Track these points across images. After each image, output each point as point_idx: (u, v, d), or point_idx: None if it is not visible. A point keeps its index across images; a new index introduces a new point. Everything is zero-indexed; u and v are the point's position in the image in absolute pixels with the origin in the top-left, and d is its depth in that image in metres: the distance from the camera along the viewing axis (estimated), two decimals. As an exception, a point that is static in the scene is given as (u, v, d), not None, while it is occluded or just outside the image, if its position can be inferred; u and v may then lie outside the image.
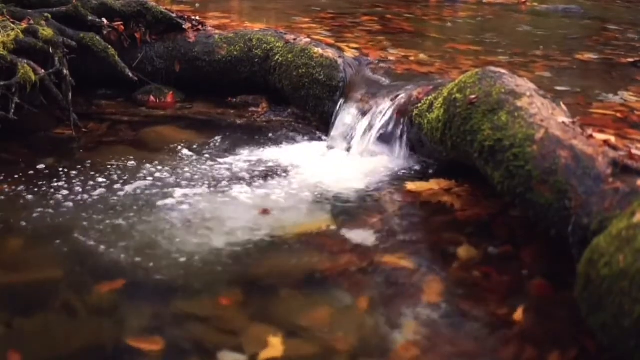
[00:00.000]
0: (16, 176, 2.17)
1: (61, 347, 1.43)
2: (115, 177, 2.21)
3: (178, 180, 2.20)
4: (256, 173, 2.28)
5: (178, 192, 2.10)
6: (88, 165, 2.29)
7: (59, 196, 2.05)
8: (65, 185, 2.13)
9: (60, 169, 2.25)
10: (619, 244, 1.25)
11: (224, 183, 2.19)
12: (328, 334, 1.46)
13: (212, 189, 2.15)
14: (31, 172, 2.22)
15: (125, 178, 2.20)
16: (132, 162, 2.33)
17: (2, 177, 2.16)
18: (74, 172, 2.23)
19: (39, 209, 1.97)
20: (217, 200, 2.07)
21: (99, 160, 2.34)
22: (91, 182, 2.16)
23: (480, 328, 1.49)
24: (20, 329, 1.48)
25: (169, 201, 2.04)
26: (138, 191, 2.11)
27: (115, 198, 2.06)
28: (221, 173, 2.27)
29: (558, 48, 3.60)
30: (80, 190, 2.10)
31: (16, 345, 1.40)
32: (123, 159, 2.36)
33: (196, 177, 2.23)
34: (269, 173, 2.28)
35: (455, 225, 1.94)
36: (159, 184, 2.17)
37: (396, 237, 1.91)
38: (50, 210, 1.97)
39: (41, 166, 2.27)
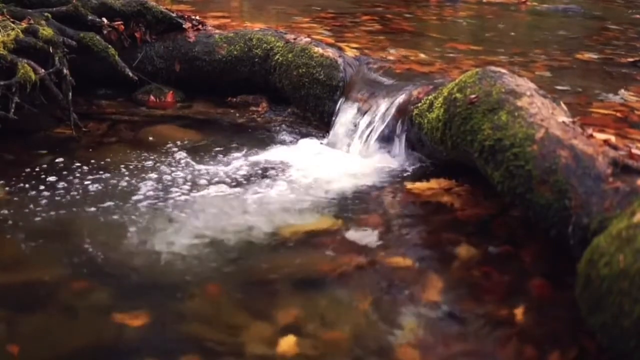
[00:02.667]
0: (16, 176, 2.17)
1: (61, 346, 1.43)
2: (115, 176, 2.21)
3: (178, 180, 2.20)
4: (256, 172, 2.28)
5: (178, 192, 2.10)
6: (88, 164, 2.29)
7: (59, 196, 2.05)
8: (65, 185, 2.13)
9: (60, 169, 2.25)
10: (619, 244, 1.25)
11: (224, 182, 2.19)
12: (328, 334, 1.47)
13: (212, 188, 2.15)
14: (31, 171, 2.22)
15: (126, 178, 2.20)
16: (132, 162, 2.33)
17: (2, 177, 2.16)
18: (74, 172, 2.23)
19: (39, 209, 1.97)
20: (217, 199, 2.07)
21: (99, 159, 2.34)
22: (91, 182, 2.16)
23: (480, 328, 1.49)
24: (20, 329, 1.47)
25: (169, 200, 2.05)
26: (138, 190, 2.11)
27: (115, 197, 2.05)
28: (221, 172, 2.27)
29: (558, 48, 3.60)
30: (81, 189, 2.10)
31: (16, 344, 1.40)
32: (123, 158, 2.36)
33: (196, 176, 2.23)
34: (269, 172, 2.28)
35: (455, 225, 1.94)
36: (159, 183, 2.17)
37: (396, 237, 1.91)
38: (50, 210, 1.97)
39: (41, 166, 2.27)
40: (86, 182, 2.15)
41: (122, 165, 2.30)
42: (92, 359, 1.41)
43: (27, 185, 2.11)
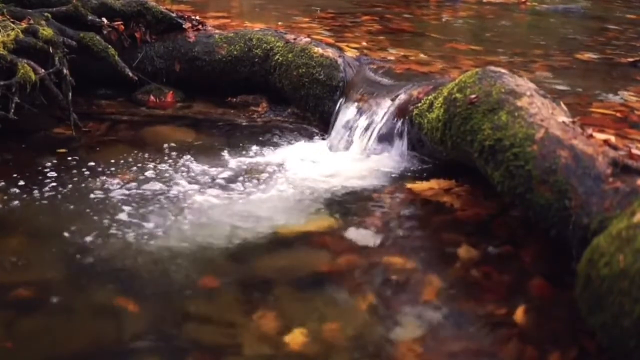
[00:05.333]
0: (16, 176, 2.17)
1: (61, 347, 1.43)
2: (115, 176, 2.21)
3: (178, 180, 2.19)
4: (256, 172, 2.28)
5: (178, 192, 2.10)
6: (88, 165, 2.29)
7: (59, 196, 2.05)
8: (65, 185, 2.13)
9: (60, 169, 2.25)
10: (619, 243, 1.25)
11: (224, 182, 2.19)
12: (328, 334, 1.46)
13: (212, 188, 2.15)
14: (31, 171, 2.22)
15: (126, 178, 2.20)
16: (132, 162, 2.33)
17: (1, 177, 2.16)
18: (73, 172, 2.23)
19: (39, 209, 1.97)
20: (217, 199, 2.07)
21: (98, 159, 2.34)
22: (91, 182, 2.16)
23: (480, 328, 1.49)
24: (20, 329, 1.47)
25: (168, 201, 2.05)
26: (138, 191, 2.11)
27: (115, 197, 2.05)
28: (221, 172, 2.27)
29: (558, 48, 3.60)
30: (80, 189, 2.10)
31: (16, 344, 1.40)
32: (123, 158, 2.35)
33: (196, 176, 2.23)
34: (269, 172, 2.28)
35: (455, 225, 1.94)
36: (159, 183, 2.16)
37: (396, 237, 1.91)
38: (50, 210, 1.97)
39: (41, 166, 2.27)
40: (86, 182, 2.15)
41: (122, 166, 2.29)
42: (92, 359, 1.41)
43: (27, 186, 2.11)
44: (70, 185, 2.13)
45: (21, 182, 2.13)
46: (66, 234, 1.84)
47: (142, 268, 1.70)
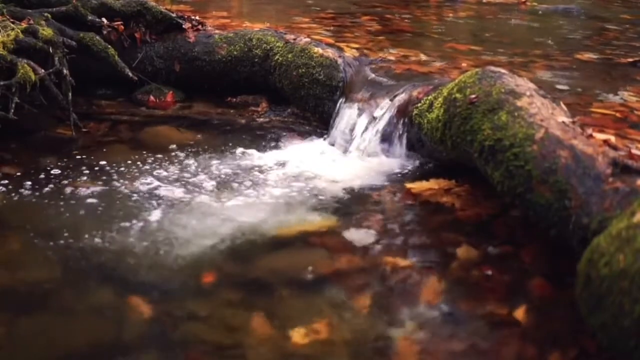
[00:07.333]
0: (16, 176, 2.17)
1: (61, 347, 1.43)
2: (114, 177, 2.21)
3: (178, 180, 2.20)
4: (256, 172, 2.28)
5: (177, 192, 2.10)
6: (87, 165, 2.29)
7: (59, 196, 2.05)
8: (65, 185, 2.13)
9: (60, 169, 2.25)
10: (619, 243, 1.25)
11: (224, 182, 2.19)
12: (327, 334, 1.46)
13: (212, 188, 2.15)
14: (31, 171, 2.22)
15: (125, 178, 2.20)
16: (132, 162, 2.33)
17: (1, 177, 2.16)
18: (73, 172, 2.23)
19: (39, 209, 1.97)
20: (218, 199, 2.07)
21: (98, 160, 2.34)
22: (91, 182, 2.16)
23: (480, 328, 1.49)
24: (20, 329, 1.47)
25: (168, 201, 2.05)
26: (137, 191, 2.11)
27: (115, 198, 2.06)
28: (221, 172, 2.27)
29: (558, 48, 3.60)
30: (80, 189, 2.10)
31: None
32: (123, 158, 2.36)
33: (197, 176, 2.23)
34: (269, 172, 2.28)
35: (455, 225, 1.94)
36: (159, 183, 2.17)
37: (396, 237, 1.91)
38: (50, 210, 1.97)
39: (41, 166, 2.27)
40: (86, 182, 2.15)
41: (122, 166, 2.30)
42: (92, 358, 1.41)
43: (26, 185, 2.11)
44: (70, 185, 2.13)
45: (21, 182, 2.13)
46: (66, 233, 1.84)
47: (141, 268, 1.69)
